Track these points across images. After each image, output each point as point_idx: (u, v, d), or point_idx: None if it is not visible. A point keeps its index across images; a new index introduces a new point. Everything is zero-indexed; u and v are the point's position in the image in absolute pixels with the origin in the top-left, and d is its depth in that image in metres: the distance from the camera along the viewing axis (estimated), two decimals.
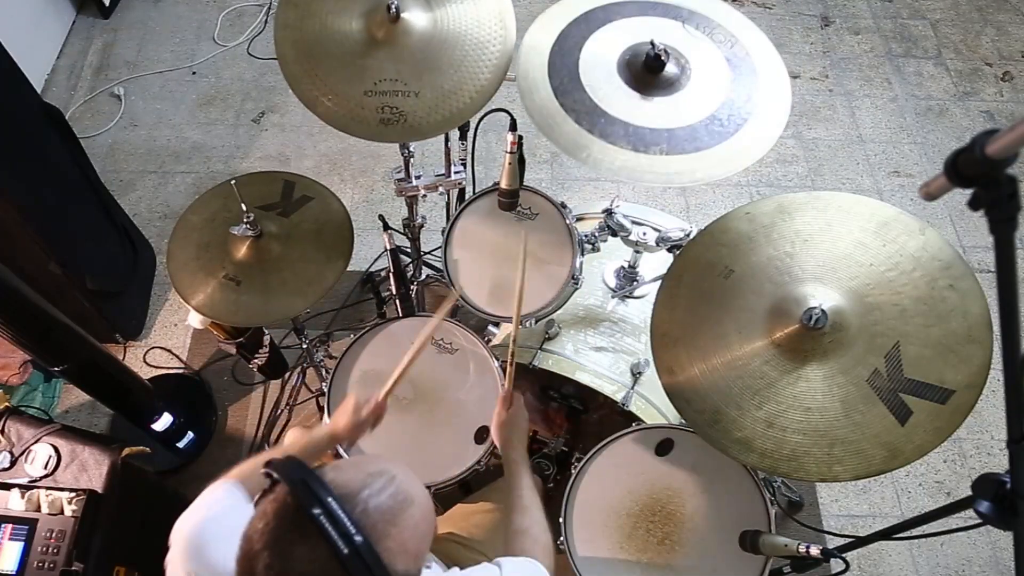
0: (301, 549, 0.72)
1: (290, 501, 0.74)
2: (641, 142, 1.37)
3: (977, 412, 2.31)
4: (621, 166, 1.36)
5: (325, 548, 0.71)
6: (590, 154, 1.37)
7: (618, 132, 1.38)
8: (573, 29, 1.46)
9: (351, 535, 0.72)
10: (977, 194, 0.76)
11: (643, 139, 1.37)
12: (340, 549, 0.71)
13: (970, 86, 3.20)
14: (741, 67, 1.39)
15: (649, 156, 1.36)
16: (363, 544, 0.72)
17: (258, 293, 1.55)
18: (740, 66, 1.39)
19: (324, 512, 0.72)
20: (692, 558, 1.40)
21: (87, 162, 2.22)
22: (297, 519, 0.73)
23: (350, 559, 0.71)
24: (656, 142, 1.37)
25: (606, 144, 1.37)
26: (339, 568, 0.71)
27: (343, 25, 1.52)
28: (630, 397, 1.66)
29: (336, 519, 0.72)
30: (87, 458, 1.56)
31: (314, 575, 0.71)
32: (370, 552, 0.72)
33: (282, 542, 0.73)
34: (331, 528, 0.71)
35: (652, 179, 1.37)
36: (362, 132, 1.50)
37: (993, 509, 0.96)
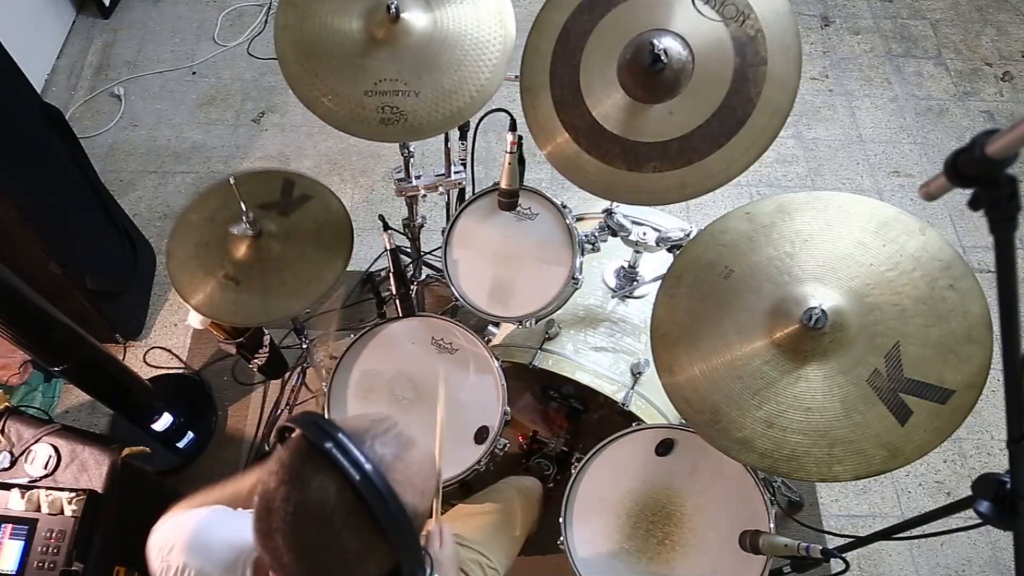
0: (316, 479, 0.76)
1: (303, 442, 0.79)
2: (635, 159, 1.36)
3: (977, 412, 2.31)
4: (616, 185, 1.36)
5: (339, 476, 0.76)
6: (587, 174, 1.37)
7: (615, 150, 1.37)
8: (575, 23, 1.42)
9: (361, 463, 0.76)
10: (977, 194, 0.76)
11: (637, 155, 1.35)
12: (352, 476, 0.75)
13: (970, 86, 3.20)
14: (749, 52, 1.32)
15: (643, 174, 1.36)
16: (373, 471, 0.76)
17: (258, 293, 1.55)
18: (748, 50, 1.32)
19: (335, 445, 0.76)
20: (692, 558, 1.40)
21: (87, 162, 2.22)
22: (311, 454, 0.77)
23: (363, 483, 0.75)
24: (650, 157, 1.36)
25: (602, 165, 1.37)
26: (353, 494, 0.75)
27: (343, 25, 1.52)
28: (630, 397, 1.66)
29: (347, 450, 0.76)
30: (87, 458, 1.56)
31: (330, 502, 0.75)
32: (380, 478, 0.76)
33: (298, 476, 0.77)
34: (343, 458, 0.76)
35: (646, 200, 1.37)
36: (363, 132, 1.50)
37: (993, 509, 0.96)
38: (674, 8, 1.34)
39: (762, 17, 1.31)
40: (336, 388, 1.64)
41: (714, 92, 1.32)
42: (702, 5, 1.33)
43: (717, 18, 1.33)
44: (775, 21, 1.31)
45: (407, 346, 1.69)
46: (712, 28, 1.33)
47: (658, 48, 1.29)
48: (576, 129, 1.39)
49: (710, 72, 1.32)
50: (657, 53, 1.29)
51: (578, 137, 1.39)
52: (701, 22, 1.33)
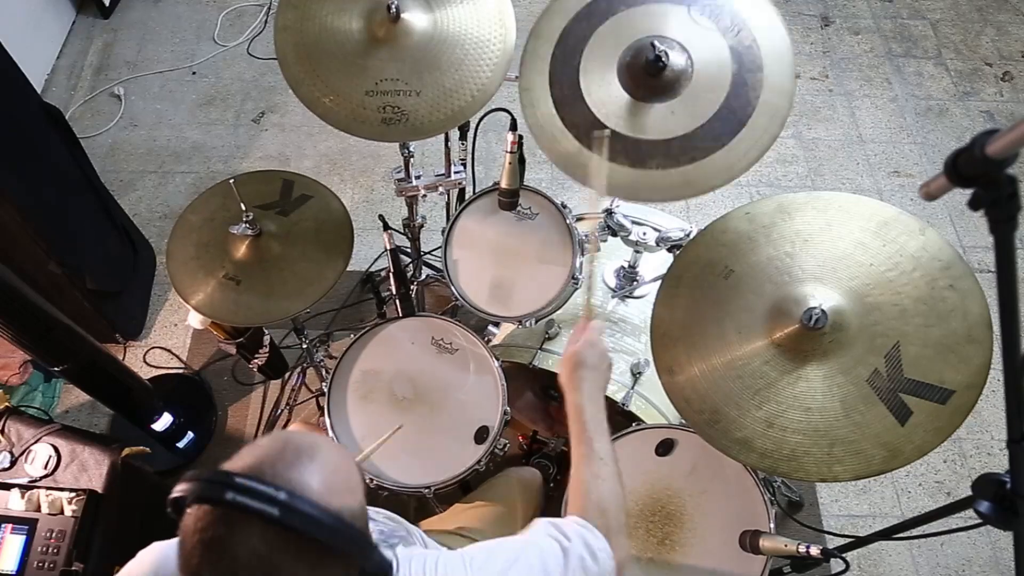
0: (237, 536, 0.68)
1: (201, 507, 0.70)
2: (638, 156, 1.35)
3: (977, 412, 2.32)
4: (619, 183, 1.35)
5: (257, 521, 0.68)
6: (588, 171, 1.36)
7: (616, 147, 1.37)
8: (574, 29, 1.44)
9: (273, 496, 0.68)
10: (977, 194, 0.76)
11: (640, 152, 1.35)
12: (271, 513, 0.67)
13: (970, 86, 3.20)
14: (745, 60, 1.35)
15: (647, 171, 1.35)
16: (288, 497, 0.69)
17: (258, 293, 1.55)
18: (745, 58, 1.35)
19: (237, 491, 0.68)
20: (692, 558, 1.40)
21: (87, 162, 2.22)
22: (216, 516, 0.69)
23: (285, 516, 0.68)
24: (652, 155, 1.35)
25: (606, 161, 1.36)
26: (280, 531, 0.68)
27: (343, 26, 1.52)
28: (630, 397, 1.66)
29: (251, 491, 0.68)
30: (87, 458, 1.56)
31: (261, 550, 0.68)
32: (300, 500, 0.69)
33: (215, 543, 0.68)
34: (250, 501, 0.68)
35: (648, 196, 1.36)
36: (365, 132, 1.50)
37: (993, 509, 0.96)
38: (670, 18, 1.36)
39: (755, 29, 1.33)
40: (336, 388, 1.64)
41: (714, 93, 1.33)
42: (698, 16, 1.34)
43: (713, 28, 1.34)
44: (768, 33, 1.33)
45: (407, 346, 1.69)
46: (709, 36, 1.34)
47: (659, 48, 1.29)
48: (576, 127, 1.39)
49: (709, 76, 1.33)
50: (658, 53, 1.29)
51: (579, 135, 1.39)
52: (698, 31, 1.35)
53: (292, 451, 0.74)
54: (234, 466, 0.73)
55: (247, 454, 0.75)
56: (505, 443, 1.59)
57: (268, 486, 0.69)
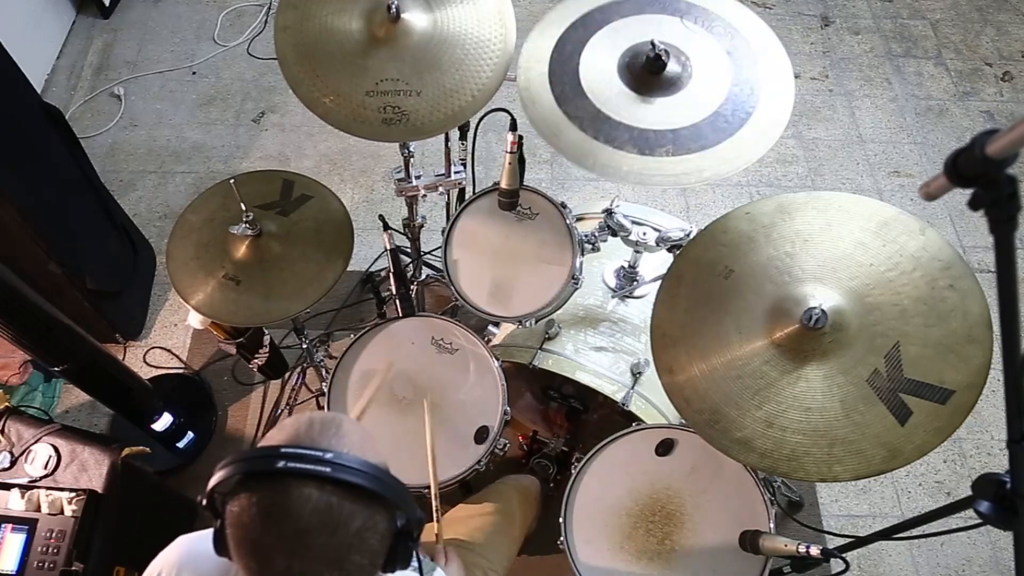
0: (296, 499, 0.72)
1: (253, 483, 0.75)
2: (647, 145, 1.36)
3: (977, 412, 2.32)
4: (628, 170, 1.36)
5: (312, 482, 0.73)
6: (596, 160, 1.37)
7: (623, 136, 1.37)
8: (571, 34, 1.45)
9: (321, 457, 0.74)
10: (977, 194, 0.76)
11: (648, 141, 1.37)
12: (323, 472, 0.73)
13: (970, 86, 3.20)
14: (742, 59, 1.38)
15: (656, 158, 1.36)
16: (335, 455, 0.74)
17: (258, 293, 1.55)
18: (741, 58, 1.38)
19: (287, 459, 0.73)
20: (692, 558, 1.40)
21: (87, 162, 2.22)
22: (270, 488, 0.74)
23: (337, 471, 0.73)
24: (662, 143, 1.36)
25: (613, 150, 1.37)
26: (335, 486, 0.73)
27: (343, 26, 1.52)
28: (630, 397, 1.66)
29: (300, 456, 0.74)
30: (87, 458, 1.56)
31: (322, 508, 0.73)
32: (344, 456, 0.75)
33: (277, 509, 0.73)
34: (302, 464, 0.73)
35: (660, 181, 1.37)
36: (365, 132, 1.50)
37: (993, 509, 0.96)
38: (664, 26, 1.40)
39: (747, 33, 1.35)
40: (336, 388, 1.64)
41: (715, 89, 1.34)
42: (691, 24, 1.36)
43: (705, 34, 1.36)
44: (760, 36, 1.35)
45: (407, 346, 1.69)
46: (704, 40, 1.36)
47: (659, 47, 1.29)
48: (580, 119, 1.39)
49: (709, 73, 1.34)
50: (659, 52, 1.30)
51: (583, 126, 1.39)
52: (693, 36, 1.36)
53: (319, 423, 0.81)
54: (268, 442, 0.79)
55: (278, 433, 0.80)
56: (505, 443, 1.59)
57: (313, 450, 0.75)
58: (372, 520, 0.76)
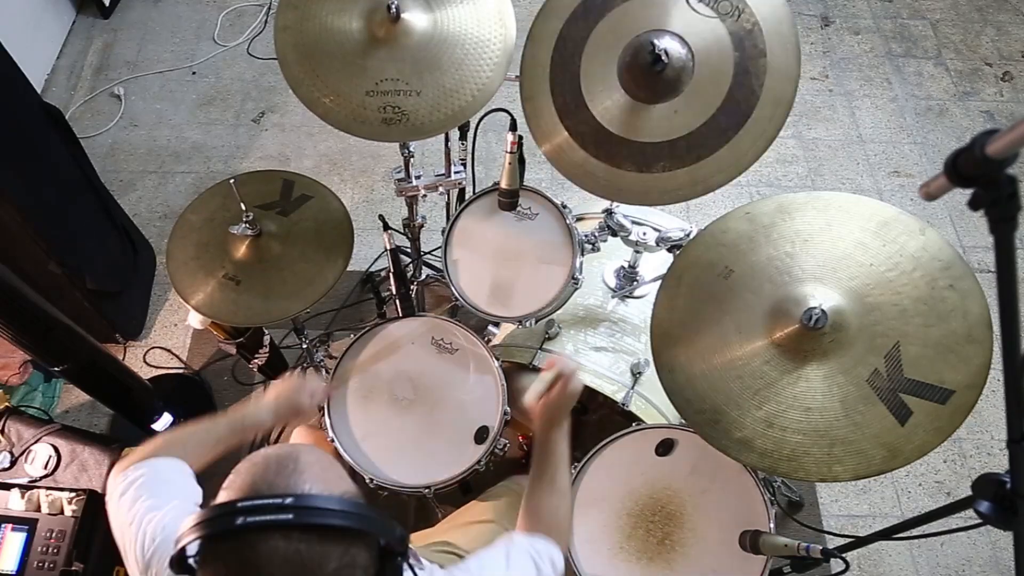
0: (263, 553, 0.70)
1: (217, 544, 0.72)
2: (644, 160, 1.35)
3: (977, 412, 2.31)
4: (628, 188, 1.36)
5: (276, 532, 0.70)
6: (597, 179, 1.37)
7: (622, 153, 1.36)
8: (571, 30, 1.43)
9: (281, 504, 0.71)
10: (977, 194, 0.76)
11: (645, 155, 1.35)
12: (285, 520, 0.70)
13: (970, 86, 3.20)
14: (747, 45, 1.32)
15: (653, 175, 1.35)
16: (295, 499, 0.72)
17: (258, 293, 1.55)
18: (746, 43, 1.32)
19: (244, 514, 0.70)
20: (692, 558, 1.40)
21: (87, 162, 2.22)
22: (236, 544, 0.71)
23: (301, 515, 0.71)
24: (658, 157, 1.35)
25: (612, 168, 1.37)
26: (301, 532, 0.71)
27: (343, 26, 1.52)
28: (630, 397, 1.66)
29: (258, 508, 0.71)
30: (87, 458, 1.56)
31: (291, 558, 0.70)
32: (306, 498, 0.73)
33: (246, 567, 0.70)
34: (261, 517, 0.70)
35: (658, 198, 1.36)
36: (365, 132, 1.50)
37: (993, 509, 0.96)
38: (669, 8, 1.34)
39: (757, 10, 1.32)
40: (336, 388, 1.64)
41: (717, 87, 1.32)
42: (696, 3, 1.33)
43: (712, 15, 1.33)
44: (770, 13, 1.31)
45: (407, 346, 1.69)
46: (709, 25, 1.33)
47: (659, 48, 1.29)
48: (581, 135, 1.39)
49: (711, 68, 1.32)
50: (658, 53, 1.29)
51: (584, 143, 1.39)
52: (697, 20, 1.34)
53: (275, 463, 0.77)
54: (227, 493, 0.76)
55: (231, 483, 0.77)
56: (505, 443, 1.59)
57: (272, 498, 0.72)
58: (348, 555, 0.73)
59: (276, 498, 0.72)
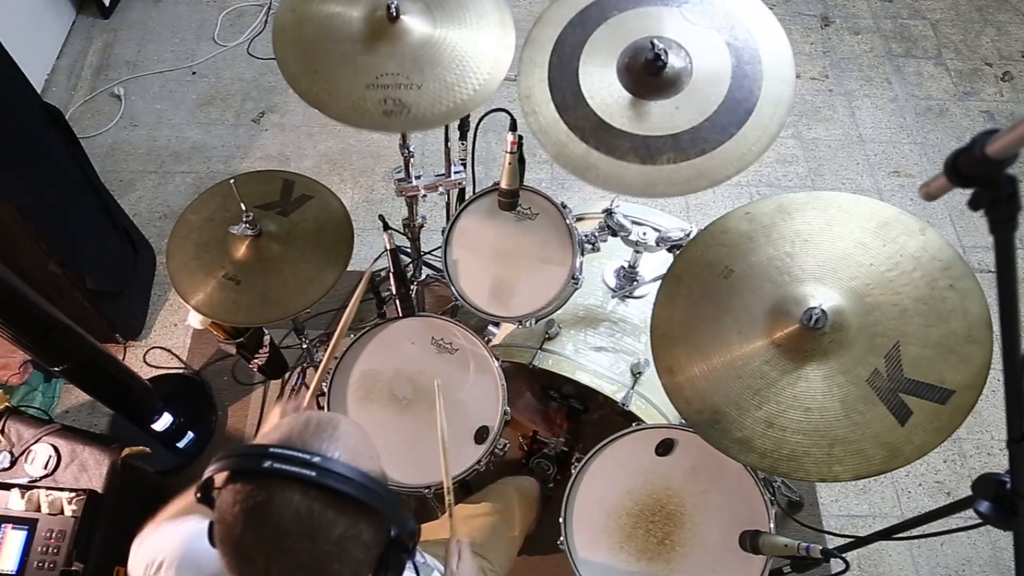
0: (277, 501, 0.72)
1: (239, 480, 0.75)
2: (647, 153, 1.35)
3: (977, 412, 2.31)
4: (632, 180, 1.36)
5: (296, 485, 0.73)
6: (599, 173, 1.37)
7: (624, 146, 1.36)
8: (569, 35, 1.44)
9: (308, 460, 0.73)
10: (977, 194, 0.76)
11: (649, 148, 1.35)
12: (308, 476, 0.72)
13: (970, 86, 3.20)
14: (744, 53, 1.35)
15: (657, 166, 1.35)
16: (323, 460, 0.74)
17: (258, 293, 1.55)
18: (743, 52, 1.35)
19: (273, 459, 0.73)
20: (692, 558, 1.40)
21: (87, 162, 2.22)
22: (257, 485, 0.74)
23: (322, 476, 0.73)
24: (662, 150, 1.35)
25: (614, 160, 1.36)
26: (318, 492, 0.73)
27: (342, 25, 1.52)
28: (630, 397, 1.66)
29: (287, 458, 0.73)
30: (87, 458, 1.56)
31: (302, 513, 0.72)
32: (332, 462, 0.74)
33: (257, 510, 0.73)
34: (288, 467, 0.73)
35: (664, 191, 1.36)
36: (366, 123, 1.48)
37: (993, 509, 0.96)
38: (664, 19, 1.37)
39: (748, 23, 1.33)
40: (336, 388, 1.64)
41: (716, 88, 1.33)
42: (690, 15, 1.35)
43: (707, 25, 1.34)
44: (762, 26, 1.33)
45: (407, 346, 1.69)
46: (704, 34, 1.35)
47: (658, 47, 1.29)
48: (582, 129, 1.39)
49: (709, 70, 1.33)
50: (658, 52, 1.29)
51: (585, 136, 1.39)
52: (693, 29, 1.35)
53: (315, 424, 0.80)
54: (263, 440, 0.79)
55: (273, 432, 0.80)
56: (505, 443, 1.59)
57: (302, 452, 0.74)
58: (355, 529, 0.75)
59: (306, 454, 0.74)
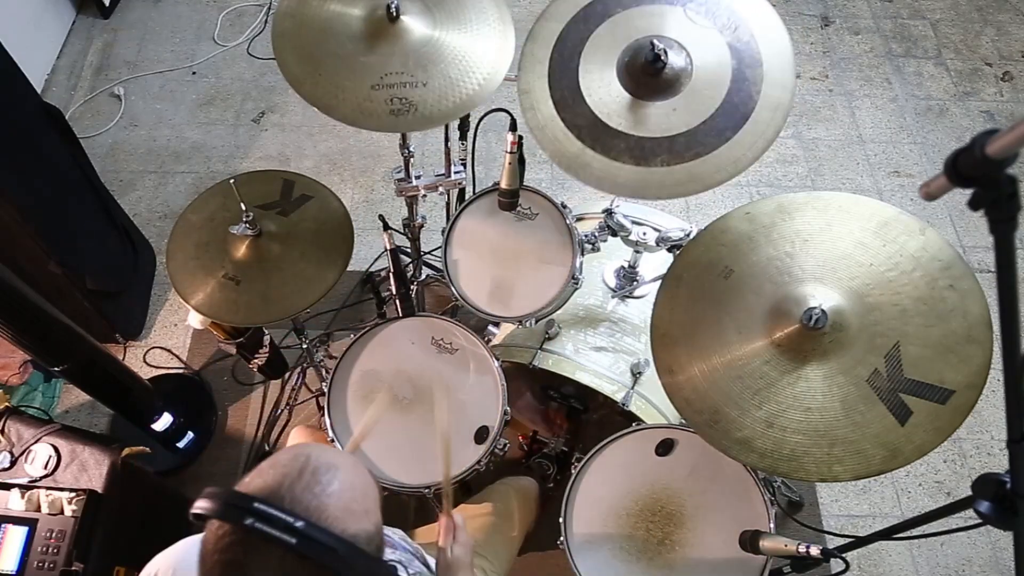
0: (254, 561, 0.71)
1: (221, 527, 0.73)
2: (642, 154, 1.35)
3: (977, 412, 2.31)
4: (624, 181, 1.36)
5: (275, 548, 0.71)
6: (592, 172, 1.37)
7: (619, 146, 1.36)
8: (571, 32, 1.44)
9: (291, 524, 0.71)
10: (977, 194, 0.76)
11: (643, 150, 1.35)
12: (288, 542, 0.70)
13: (970, 86, 3.20)
14: (745, 55, 1.34)
15: (651, 168, 1.35)
16: (306, 526, 0.71)
17: (257, 293, 1.55)
18: (744, 54, 1.34)
19: (256, 517, 0.71)
20: (692, 558, 1.40)
21: (87, 162, 2.22)
22: (235, 538, 0.72)
23: (302, 545, 0.70)
24: (656, 152, 1.35)
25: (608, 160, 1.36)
26: (298, 559, 0.71)
27: (342, 27, 1.52)
28: (630, 397, 1.66)
29: (270, 518, 0.71)
30: (87, 458, 1.56)
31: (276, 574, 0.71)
32: (316, 529, 0.72)
33: (233, 565, 0.71)
34: (269, 528, 0.70)
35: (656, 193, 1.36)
36: (373, 124, 1.48)
37: (993, 509, 0.96)
38: (667, 18, 1.37)
39: (752, 25, 1.33)
40: (336, 388, 1.64)
41: (715, 90, 1.33)
42: (694, 15, 1.34)
43: (709, 26, 1.34)
44: (766, 28, 1.33)
45: (407, 346, 1.69)
46: (706, 34, 1.34)
47: (658, 47, 1.29)
48: (578, 127, 1.39)
49: (709, 72, 1.33)
50: (658, 52, 1.29)
51: (581, 135, 1.39)
52: (695, 29, 1.35)
53: (311, 472, 0.76)
54: (253, 486, 0.76)
55: (267, 471, 0.77)
56: (505, 443, 1.59)
57: (287, 513, 0.71)
58: None
59: (290, 516, 0.72)
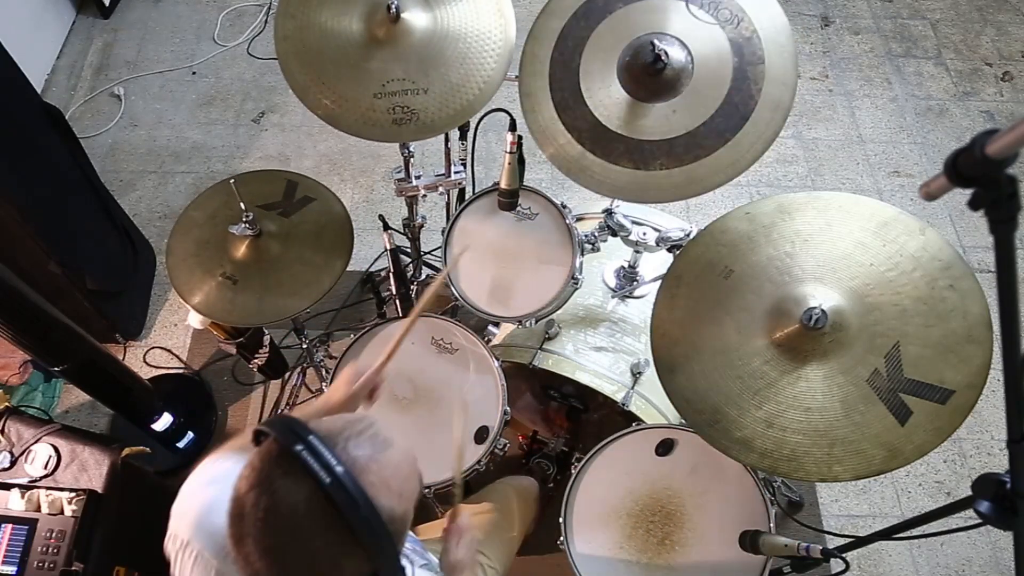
0: (286, 483, 0.74)
1: (274, 444, 0.77)
2: (641, 158, 1.35)
3: (977, 412, 2.31)
4: (624, 185, 1.36)
5: (309, 480, 0.73)
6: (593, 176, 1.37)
7: (619, 149, 1.36)
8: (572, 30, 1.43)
9: (332, 466, 0.74)
10: (977, 194, 0.76)
11: (643, 153, 1.35)
12: (323, 479, 0.73)
13: (970, 86, 3.20)
14: (747, 51, 1.33)
15: (650, 172, 1.35)
16: (344, 474, 0.74)
17: (255, 293, 1.55)
18: (745, 50, 1.33)
19: (306, 447, 0.74)
20: (692, 558, 1.40)
21: (87, 162, 2.22)
22: (281, 458, 0.75)
23: (333, 488, 0.73)
24: (656, 155, 1.35)
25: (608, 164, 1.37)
26: (324, 499, 0.73)
27: (343, 30, 1.52)
28: (630, 397, 1.66)
29: (317, 453, 0.74)
30: (87, 458, 1.56)
31: (301, 507, 0.73)
32: (352, 482, 0.74)
33: (268, 479, 0.75)
34: (313, 461, 0.73)
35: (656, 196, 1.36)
36: (377, 135, 1.50)
37: (993, 509, 0.96)
38: (669, 13, 1.36)
39: (756, 19, 1.33)
40: None
41: (716, 90, 1.33)
42: (697, 9, 1.34)
43: (712, 21, 1.34)
44: (769, 23, 1.32)
45: (407, 346, 1.69)
46: (708, 30, 1.34)
47: (658, 48, 1.29)
48: (579, 131, 1.39)
49: (710, 71, 1.33)
50: (658, 53, 1.29)
51: (581, 138, 1.39)
52: (697, 25, 1.34)
53: (369, 435, 0.80)
54: (319, 425, 0.79)
55: (336, 419, 0.82)
56: (505, 443, 1.59)
57: (333, 455, 0.75)
58: (338, 546, 0.74)
59: (335, 459, 0.74)
